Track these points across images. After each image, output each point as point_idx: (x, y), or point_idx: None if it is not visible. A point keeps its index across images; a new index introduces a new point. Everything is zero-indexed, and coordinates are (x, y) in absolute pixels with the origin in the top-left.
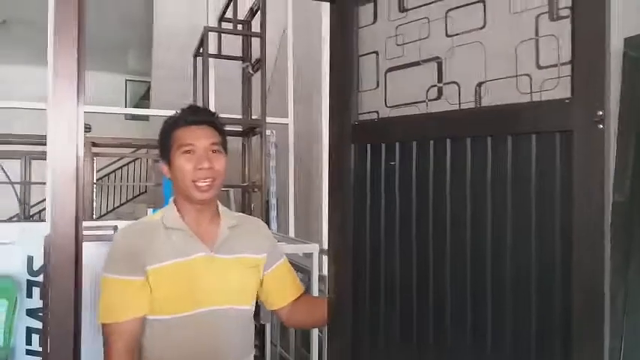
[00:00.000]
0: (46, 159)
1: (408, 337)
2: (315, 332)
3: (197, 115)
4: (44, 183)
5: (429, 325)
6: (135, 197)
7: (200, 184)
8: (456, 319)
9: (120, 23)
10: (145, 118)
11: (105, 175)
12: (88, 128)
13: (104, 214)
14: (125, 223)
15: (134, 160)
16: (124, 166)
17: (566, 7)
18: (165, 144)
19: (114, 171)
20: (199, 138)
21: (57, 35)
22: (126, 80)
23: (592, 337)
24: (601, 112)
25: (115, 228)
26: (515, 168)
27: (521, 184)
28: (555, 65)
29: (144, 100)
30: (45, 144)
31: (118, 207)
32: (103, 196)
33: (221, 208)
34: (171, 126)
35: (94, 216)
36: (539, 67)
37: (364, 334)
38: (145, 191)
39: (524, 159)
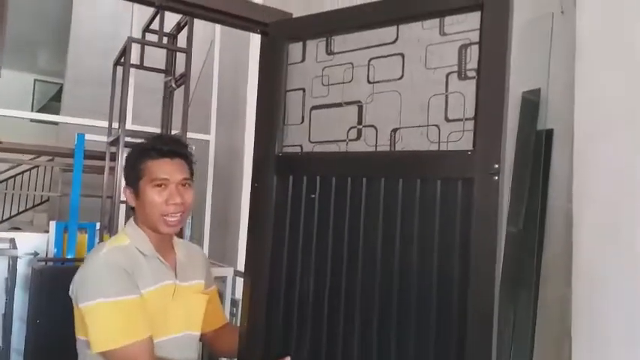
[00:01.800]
0: None
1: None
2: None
3: (171, 146)
4: None
5: (338, 352)
6: (35, 206)
7: (169, 218)
8: (364, 345)
9: (34, 19)
10: (54, 122)
11: (2, 181)
12: None
13: None
14: (22, 235)
15: (36, 167)
16: (25, 171)
17: (472, 69)
18: (133, 172)
19: (14, 176)
20: (173, 173)
21: None
22: (35, 80)
23: (482, 356)
24: (497, 165)
25: (12, 241)
26: (422, 207)
27: (427, 221)
28: (461, 119)
29: (53, 101)
30: None
31: (14, 216)
32: None
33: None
34: (142, 155)
35: None
36: (447, 119)
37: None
38: (48, 200)
39: (430, 200)
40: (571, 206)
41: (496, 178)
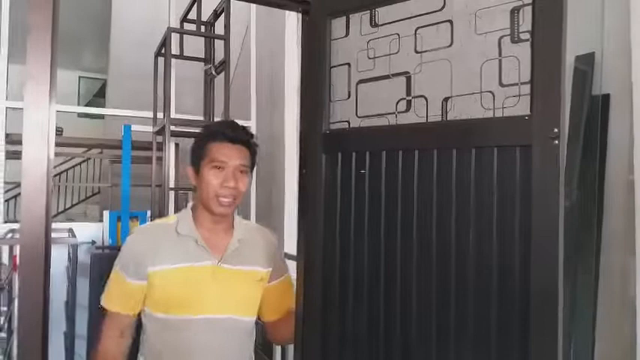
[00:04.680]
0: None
1: (376, 343)
2: None
3: (235, 132)
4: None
5: (395, 330)
6: (87, 198)
7: (223, 199)
8: (422, 323)
9: (76, 17)
10: (100, 116)
11: (56, 175)
12: (59, 131)
13: (54, 216)
14: (78, 225)
15: (86, 160)
16: (75, 165)
17: (526, 31)
18: (197, 152)
19: (65, 170)
20: (232, 157)
21: (30, 38)
22: (79, 77)
23: (547, 331)
24: (556, 129)
25: (70, 230)
26: (478, 178)
27: (484, 192)
28: (516, 84)
29: (97, 97)
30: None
31: (68, 208)
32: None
33: (237, 219)
34: (207, 137)
35: None
36: (501, 85)
37: (334, 342)
38: (99, 192)
39: (486, 170)
40: (632, 176)
41: (556, 142)
